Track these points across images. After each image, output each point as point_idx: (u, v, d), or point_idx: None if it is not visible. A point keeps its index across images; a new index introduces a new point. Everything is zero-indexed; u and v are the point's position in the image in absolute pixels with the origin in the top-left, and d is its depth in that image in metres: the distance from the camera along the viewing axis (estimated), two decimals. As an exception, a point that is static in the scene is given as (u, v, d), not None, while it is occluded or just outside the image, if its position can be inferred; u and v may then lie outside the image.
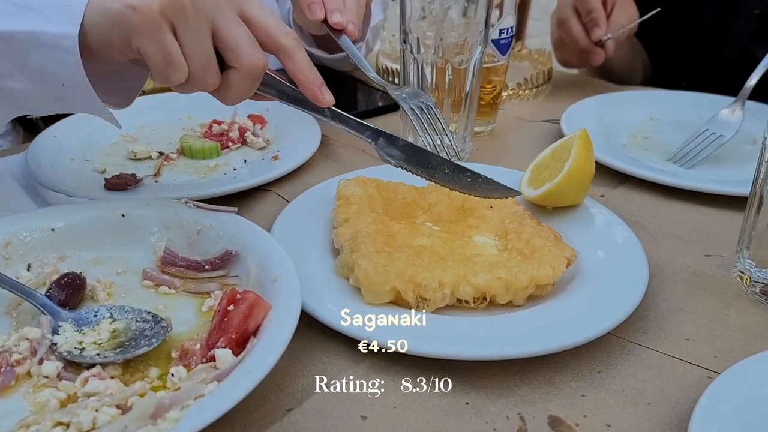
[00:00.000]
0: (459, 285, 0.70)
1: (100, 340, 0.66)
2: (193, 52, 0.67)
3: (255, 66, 0.69)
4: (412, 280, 0.70)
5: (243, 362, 0.60)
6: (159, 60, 0.66)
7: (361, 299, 0.71)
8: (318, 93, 0.74)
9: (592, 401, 0.63)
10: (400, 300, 0.71)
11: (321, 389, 0.63)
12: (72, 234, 0.78)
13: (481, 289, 0.70)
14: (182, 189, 0.93)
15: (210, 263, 0.76)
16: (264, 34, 0.71)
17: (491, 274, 0.71)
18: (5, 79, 0.71)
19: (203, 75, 0.68)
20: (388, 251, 0.73)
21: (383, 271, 0.70)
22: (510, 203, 0.85)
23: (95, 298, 0.73)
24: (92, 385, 0.60)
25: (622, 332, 0.71)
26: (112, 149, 1.06)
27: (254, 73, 0.70)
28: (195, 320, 0.70)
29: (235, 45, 0.68)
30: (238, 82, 0.70)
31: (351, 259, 0.73)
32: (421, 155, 0.81)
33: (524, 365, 0.66)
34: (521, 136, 1.19)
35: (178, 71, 0.67)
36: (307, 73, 0.74)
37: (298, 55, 0.73)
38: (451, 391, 0.64)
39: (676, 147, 1.11)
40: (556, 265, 0.72)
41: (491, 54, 1.13)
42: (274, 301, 0.66)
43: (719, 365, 0.67)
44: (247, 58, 0.69)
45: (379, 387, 0.64)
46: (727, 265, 0.83)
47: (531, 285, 0.71)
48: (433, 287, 0.70)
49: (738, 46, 1.44)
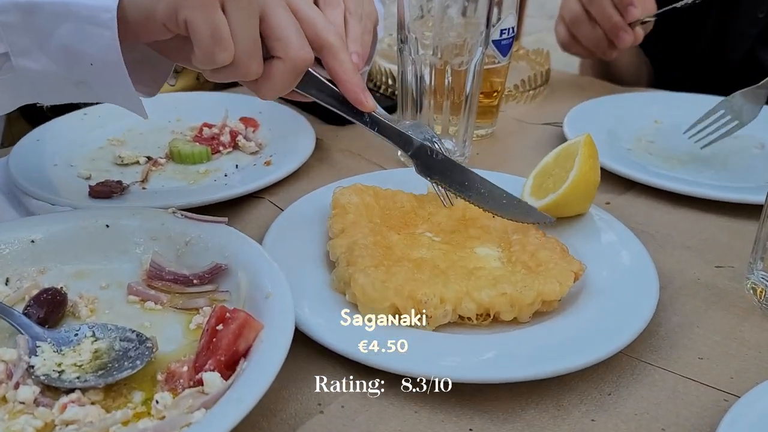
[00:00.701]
0: (461, 301, 0.67)
1: (81, 361, 0.62)
2: (242, 34, 0.62)
3: (302, 59, 0.66)
4: (411, 296, 0.66)
5: (232, 387, 0.56)
6: (207, 36, 0.61)
7: (359, 315, 0.68)
8: (361, 96, 0.71)
9: (602, 427, 0.59)
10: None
11: (316, 414, 0.60)
12: (53, 246, 0.75)
13: (485, 305, 0.67)
14: (171, 196, 0.89)
15: (198, 277, 0.72)
16: (311, 30, 0.68)
17: (495, 289, 0.67)
18: (20, 57, 0.65)
19: (248, 60, 0.64)
20: (386, 265, 0.69)
21: (381, 287, 0.66)
22: None
23: (77, 314, 0.69)
24: (71, 412, 0.56)
25: (633, 351, 0.67)
26: (98, 154, 1.02)
27: (300, 66, 0.66)
28: (182, 339, 0.66)
29: (284, 34, 0.65)
30: (280, 73, 0.66)
31: (347, 273, 0.69)
32: (459, 172, 0.78)
33: (530, 387, 0.63)
34: (522, 139, 1.16)
35: (225, 50, 0.62)
36: (351, 75, 0.71)
37: (343, 55, 0.70)
38: (453, 416, 0.60)
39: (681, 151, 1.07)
40: (563, 280, 0.68)
41: (491, 55, 1.09)
42: (266, 320, 0.62)
43: (736, 387, 0.63)
44: (295, 49, 0.65)
45: (378, 411, 0.60)
46: (739, 276, 0.80)
47: (537, 301, 0.68)
48: (434, 304, 0.66)
49: (743, 50, 1.41)
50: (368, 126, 0.75)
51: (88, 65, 0.65)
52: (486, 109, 1.14)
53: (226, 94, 1.23)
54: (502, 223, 0.80)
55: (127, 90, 0.66)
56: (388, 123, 0.76)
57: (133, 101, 0.69)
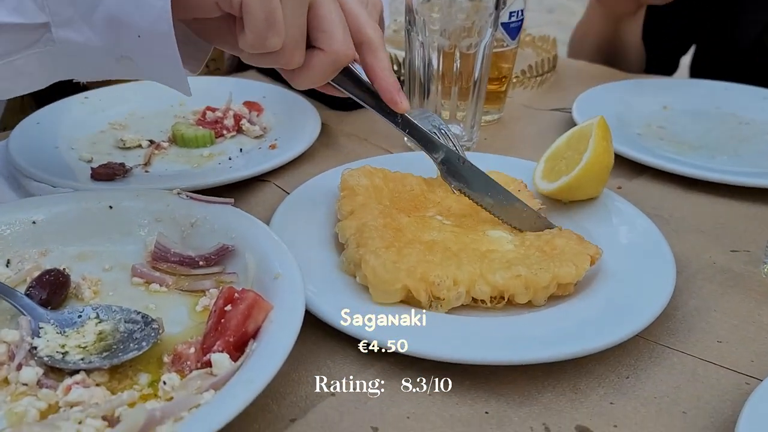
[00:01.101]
0: (475, 283, 0.65)
1: (85, 343, 0.60)
2: (293, 21, 0.61)
3: (345, 54, 0.65)
4: (424, 278, 0.64)
5: (242, 368, 0.55)
6: (261, 20, 0.59)
7: (369, 297, 0.66)
8: (396, 96, 0.70)
9: (621, 410, 0.58)
10: (411, 299, 0.66)
11: (327, 397, 0.58)
12: (55, 227, 0.73)
13: (499, 287, 0.65)
14: (174, 179, 0.87)
15: (205, 259, 0.70)
16: (354, 24, 0.67)
17: (510, 271, 0.65)
18: (62, 28, 0.62)
19: (293, 49, 0.62)
20: (397, 246, 0.68)
21: (393, 268, 0.64)
22: (526, 197, 0.80)
23: (80, 296, 0.67)
24: (75, 394, 0.54)
25: (650, 334, 0.66)
26: (100, 137, 1.00)
27: (340, 60, 0.65)
28: (189, 321, 0.65)
29: (330, 26, 0.63)
30: (320, 65, 0.65)
31: (357, 254, 0.67)
32: (482, 181, 0.77)
33: (546, 370, 0.61)
34: (530, 125, 1.14)
35: (277, 35, 0.60)
36: (388, 74, 0.69)
37: (382, 53, 0.69)
38: (468, 398, 0.59)
39: (693, 137, 1.06)
40: (579, 263, 0.67)
41: (500, 39, 1.07)
42: (276, 301, 0.61)
43: (758, 370, 0.62)
44: (339, 43, 0.64)
45: (391, 394, 0.59)
46: (755, 261, 0.78)
47: (553, 284, 0.66)
48: (447, 285, 0.64)
49: (751, 36, 1.39)
50: (399, 127, 0.74)
51: (135, 37, 0.61)
52: (494, 95, 1.12)
53: (229, 79, 1.21)
54: None
55: (175, 64, 0.63)
56: (420, 126, 0.75)
57: (179, 76, 0.65)
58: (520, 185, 0.82)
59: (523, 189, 0.81)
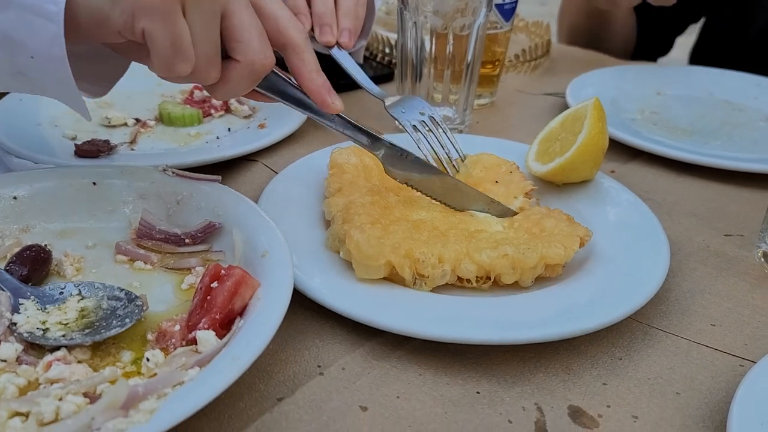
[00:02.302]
0: (461, 262, 0.64)
1: (67, 319, 0.58)
2: (202, 39, 0.57)
3: (261, 64, 0.61)
4: (409, 254, 0.63)
5: (228, 346, 0.53)
6: (166, 46, 0.56)
7: (355, 276, 0.65)
8: (327, 98, 0.66)
9: (615, 390, 0.57)
10: (395, 276, 0.65)
11: (315, 376, 0.57)
12: (37, 203, 0.71)
13: (485, 267, 0.64)
14: (160, 157, 0.85)
15: (191, 236, 0.68)
16: (273, 27, 0.63)
17: (497, 251, 0.64)
18: None
19: (206, 67, 0.59)
20: (383, 223, 0.66)
21: (377, 243, 0.63)
22: (518, 178, 0.79)
23: (62, 273, 0.65)
24: (56, 371, 0.52)
25: (643, 317, 0.65)
26: (84, 115, 0.98)
27: (258, 71, 0.61)
28: (174, 299, 0.63)
29: (244, 36, 0.59)
30: (237, 77, 0.61)
31: (342, 230, 0.66)
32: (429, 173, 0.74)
33: (539, 351, 0.60)
34: (523, 108, 1.13)
35: (185, 61, 0.57)
36: (315, 75, 0.65)
37: (307, 55, 0.65)
38: (459, 379, 0.57)
39: (686, 123, 1.05)
40: (568, 245, 0.66)
41: (494, 21, 1.06)
42: (263, 279, 0.59)
43: (751, 352, 0.61)
44: (255, 52, 0.60)
45: (380, 374, 0.57)
46: (748, 245, 0.77)
47: (540, 264, 0.65)
48: (432, 263, 0.63)
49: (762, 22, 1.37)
50: (336, 127, 0.70)
51: (28, 57, 0.58)
52: (487, 78, 1.11)
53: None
54: (506, 188, 0.77)
55: (70, 88, 0.60)
56: (356, 124, 0.71)
57: (76, 101, 0.63)
58: (512, 167, 0.80)
59: (515, 170, 0.80)
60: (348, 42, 0.90)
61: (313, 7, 0.89)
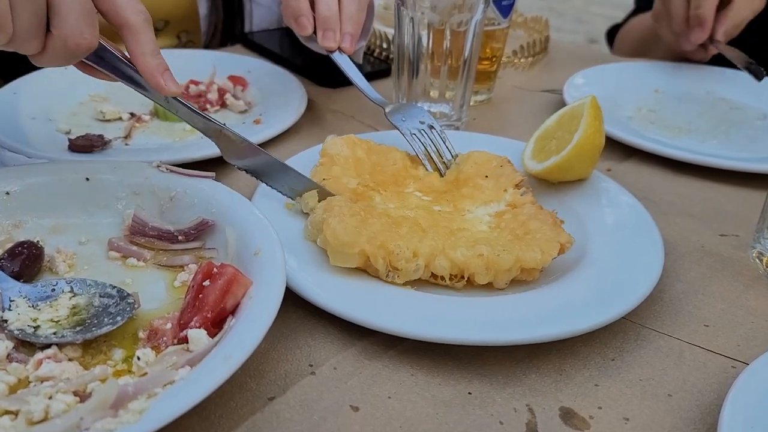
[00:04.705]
0: (435, 258, 0.64)
1: (58, 317, 0.58)
2: (22, 9, 0.56)
3: (75, 41, 0.59)
4: (383, 245, 0.63)
5: (219, 345, 0.53)
6: None
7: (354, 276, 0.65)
8: (160, 80, 0.65)
9: (606, 392, 0.57)
10: (369, 267, 0.65)
11: (306, 375, 0.57)
12: (29, 198, 0.70)
13: (459, 265, 0.64)
14: (155, 153, 0.85)
15: (184, 234, 0.68)
16: (110, 7, 0.62)
17: (472, 250, 0.64)
18: None
19: (27, 38, 0.58)
20: (362, 216, 0.66)
21: (353, 232, 0.63)
22: (508, 171, 0.79)
23: (54, 269, 0.65)
24: (46, 369, 0.52)
25: (636, 317, 0.65)
26: (79, 109, 0.98)
27: (71, 47, 0.59)
28: (166, 297, 0.63)
29: (62, 9, 0.58)
30: (52, 50, 0.60)
31: (321, 218, 0.66)
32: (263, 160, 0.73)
33: (531, 352, 0.60)
34: (520, 105, 1.13)
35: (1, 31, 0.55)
36: (149, 58, 0.64)
37: (143, 37, 0.64)
38: (451, 379, 0.57)
39: (683, 121, 1.05)
40: (546, 250, 0.65)
41: (492, 17, 1.05)
42: (256, 277, 0.59)
43: (743, 354, 0.61)
44: (70, 28, 0.58)
45: (372, 374, 0.57)
46: (743, 245, 0.77)
47: (515, 267, 0.65)
48: (406, 256, 0.63)
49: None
50: (173, 110, 0.70)
51: None
52: (484, 75, 1.11)
53: (213, 52, 1.18)
54: (495, 182, 0.77)
55: None
56: (190, 108, 0.70)
57: None
58: (503, 161, 0.80)
59: (506, 164, 0.80)
60: (349, 47, 0.90)
61: (317, 10, 0.88)
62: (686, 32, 1.13)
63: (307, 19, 0.88)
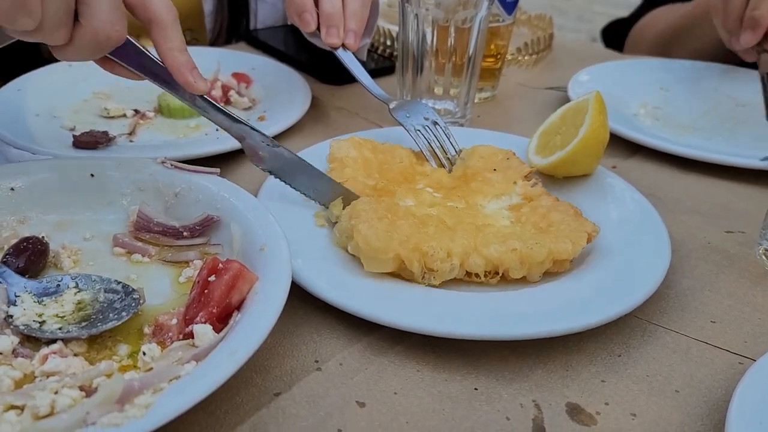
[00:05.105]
0: (469, 256, 0.64)
1: (63, 312, 0.58)
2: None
3: (105, 33, 0.58)
4: (417, 248, 0.63)
5: (225, 340, 0.53)
6: None
7: (359, 272, 0.64)
8: (189, 77, 0.64)
9: (613, 388, 0.57)
10: (404, 271, 0.64)
11: (312, 371, 0.57)
12: (34, 194, 0.70)
13: (494, 261, 0.64)
14: (159, 149, 0.85)
15: (189, 229, 0.68)
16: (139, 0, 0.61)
17: (505, 245, 0.64)
18: None
19: (55, 26, 0.56)
20: (390, 218, 0.66)
21: (385, 237, 0.63)
22: (515, 164, 0.78)
23: (59, 265, 0.65)
24: (52, 364, 0.52)
25: (643, 313, 0.65)
26: (83, 106, 0.98)
27: (101, 39, 0.58)
28: (171, 292, 0.63)
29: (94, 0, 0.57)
30: (80, 41, 0.58)
31: (350, 225, 0.65)
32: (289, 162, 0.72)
33: (537, 348, 0.60)
34: (524, 103, 1.12)
35: (29, 16, 0.53)
36: (177, 54, 0.63)
37: (171, 32, 0.63)
38: (458, 375, 0.57)
39: (689, 118, 1.04)
40: (575, 240, 0.65)
41: (496, 14, 1.05)
42: (261, 273, 0.59)
43: (751, 350, 0.61)
44: (100, 20, 0.57)
45: (378, 369, 0.57)
46: (750, 242, 0.77)
47: (548, 260, 0.65)
48: (440, 257, 0.63)
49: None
50: (198, 108, 0.68)
51: None
52: (488, 72, 1.10)
53: (217, 49, 1.18)
54: (504, 174, 0.77)
55: None
56: (219, 107, 0.69)
57: None
58: (509, 154, 0.80)
59: (512, 156, 0.80)
60: (353, 44, 0.90)
61: (321, 7, 0.88)
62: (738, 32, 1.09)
63: (310, 15, 0.88)
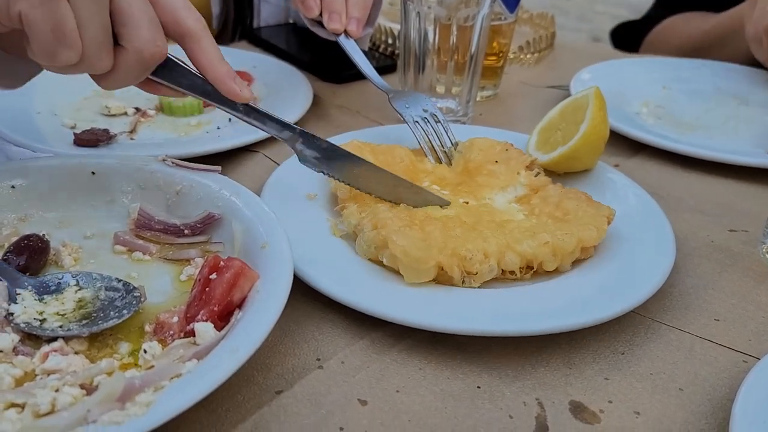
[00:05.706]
0: (504, 254, 0.64)
1: (64, 310, 0.58)
2: (89, 24, 0.54)
3: (150, 52, 0.57)
4: (455, 253, 0.62)
5: (226, 338, 0.53)
6: (46, 32, 0.52)
7: (361, 268, 0.64)
8: (234, 86, 0.63)
9: (617, 386, 0.57)
10: (443, 276, 0.64)
11: (314, 369, 0.56)
12: (35, 192, 0.70)
13: (528, 257, 0.64)
14: (160, 147, 0.84)
15: (190, 228, 0.68)
16: (169, 16, 0.60)
17: (536, 239, 0.64)
18: None
19: (97, 54, 0.55)
20: (417, 224, 0.65)
21: (424, 246, 0.62)
22: (515, 154, 0.79)
23: (60, 263, 0.65)
24: (53, 362, 0.52)
25: (646, 311, 0.64)
26: (84, 104, 0.97)
27: (147, 59, 0.58)
28: (172, 290, 0.63)
29: (132, 20, 0.56)
30: (125, 65, 0.57)
31: (380, 236, 0.64)
32: (344, 159, 0.71)
33: (540, 345, 0.60)
34: (526, 101, 1.12)
35: (69, 48, 0.53)
36: (217, 64, 0.63)
37: (206, 43, 0.62)
38: (460, 373, 0.57)
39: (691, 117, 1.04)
40: (598, 225, 0.66)
41: (498, 12, 1.05)
42: (263, 270, 0.59)
43: (755, 349, 0.61)
44: (143, 39, 0.57)
45: (380, 368, 0.57)
46: (753, 241, 0.77)
47: (577, 248, 0.65)
48: (479, 259, 0.63)
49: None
50: (244, 117, 0.67)
51: None
52: (490, 70, 1.10)
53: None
54: (506, 165, 0.77)
55: None
56: (265, 112, 0.68)
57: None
58: (507, 145, 0.80)
59: (511, 147, 0.80)
60: (356, 30, 0.90)
61: None
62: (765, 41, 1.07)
63: (313, 1, 0.88)
